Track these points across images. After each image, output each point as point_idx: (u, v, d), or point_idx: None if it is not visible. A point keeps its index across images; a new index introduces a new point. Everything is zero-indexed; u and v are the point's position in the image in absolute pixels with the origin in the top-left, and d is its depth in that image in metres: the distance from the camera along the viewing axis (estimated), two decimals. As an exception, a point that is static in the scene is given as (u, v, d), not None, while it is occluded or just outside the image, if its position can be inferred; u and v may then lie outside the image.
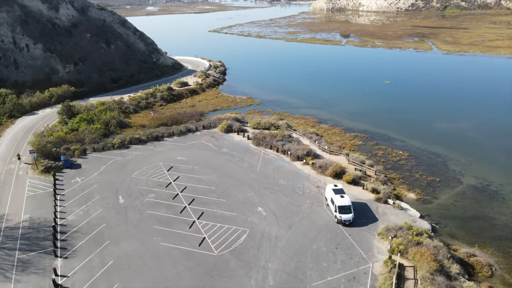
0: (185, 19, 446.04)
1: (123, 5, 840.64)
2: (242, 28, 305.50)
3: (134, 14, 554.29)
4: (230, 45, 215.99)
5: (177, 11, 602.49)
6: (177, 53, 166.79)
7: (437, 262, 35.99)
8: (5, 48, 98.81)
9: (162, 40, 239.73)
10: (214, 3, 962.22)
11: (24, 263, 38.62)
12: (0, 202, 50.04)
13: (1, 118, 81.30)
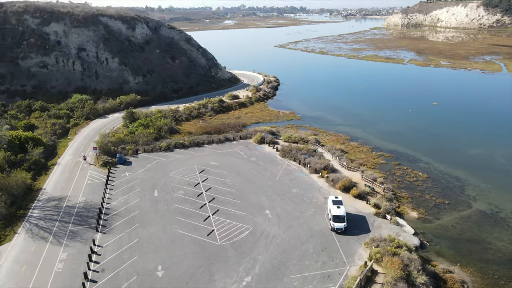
0: (256, 33, 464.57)
1: (203, 18, 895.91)
2: (308, 44, 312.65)
3: (211, 27, 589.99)
4: (290, 61, 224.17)
5: (251, 25, 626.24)
6: (237, 67, 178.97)
7: (404, 271, 39.95)
8: (90, 61, 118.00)
9: (227, 54, 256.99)
10: (288, 17, 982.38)
11: (73, 233, 49.95)
12: (66, 187, 63.16)
13: (79, 119, 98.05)
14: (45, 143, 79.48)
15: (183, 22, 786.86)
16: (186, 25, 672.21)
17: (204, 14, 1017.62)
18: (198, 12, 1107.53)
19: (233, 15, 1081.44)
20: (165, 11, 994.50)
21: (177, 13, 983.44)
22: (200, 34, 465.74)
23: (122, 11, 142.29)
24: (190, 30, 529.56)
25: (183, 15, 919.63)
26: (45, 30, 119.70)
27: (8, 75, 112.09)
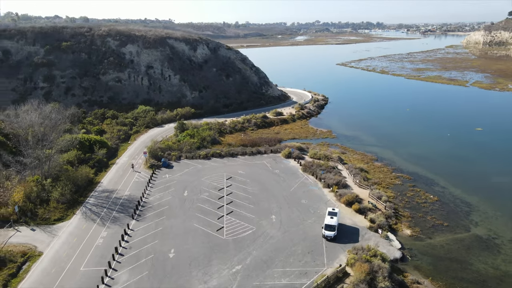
0: (323, 50, 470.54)
1: (275, 34, 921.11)
2: (371, 62, 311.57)
3: (281, 43, 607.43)
4: (346, 79, 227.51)
5: (321, 42, 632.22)
6: (292, 85, 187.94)
7: (370, 275, 45.83)
8: (155, 77, 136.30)
9: (287, 71, 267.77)
10: (362, 33, 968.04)
11: (115, 218, 62.95)
12: (118, 182, 77.46)
13: (141, 127, 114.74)
14: (109, 145, 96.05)
15: (256, 37, 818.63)
16: (257, 40, 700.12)
17: (277, 30, 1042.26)
18: (272, 27, 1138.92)
19: (306, 31, 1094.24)
20: (241, 27, 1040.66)
21: (252, 28, 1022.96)
22: (268, 50, 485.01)
23: (186, 34, 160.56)
24: (261, 46, 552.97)
25: (257, 31, 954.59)
26: (122, 51, 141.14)
27: (91, 88, 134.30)
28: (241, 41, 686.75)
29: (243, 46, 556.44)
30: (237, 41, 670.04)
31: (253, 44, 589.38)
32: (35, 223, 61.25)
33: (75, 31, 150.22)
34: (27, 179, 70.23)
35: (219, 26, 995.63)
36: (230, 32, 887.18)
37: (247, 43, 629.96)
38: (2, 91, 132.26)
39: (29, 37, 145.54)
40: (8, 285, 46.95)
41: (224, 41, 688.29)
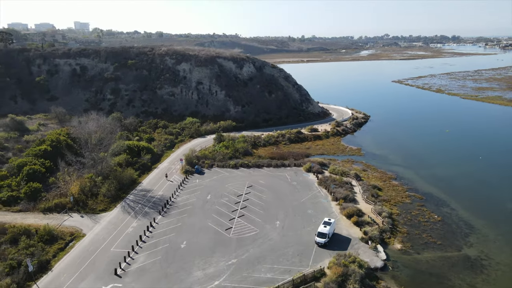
0: (383, 65, 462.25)
1: (339, 49, 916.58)
2: (430, 80, 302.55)
3: (343, 58, 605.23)
4: (396, 98, 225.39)
5: (384, 57, 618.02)
6: (338, 101, 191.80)
7: (341, 277, 52.21)
8: (204, 92, 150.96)
9: (337, 86, 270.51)
10: (433, 47, 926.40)
11: (146, 213, 75.26)
12: (155, 184, 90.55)
13: (185, 137, 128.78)
14: (155, 152, 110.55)
15: (319, 52, 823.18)
16: (319, 55, 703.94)
17: (342, 44, 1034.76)
18: (337, 42, 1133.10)
19: (373, 45, 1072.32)
20: (305, 41, 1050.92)
21: (316, 43, 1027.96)
22: (326, 65, 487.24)
23: (235, 53, 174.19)
24: (321, 61, 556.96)
25: (321, 45, 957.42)
26: (177, 68, 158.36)
27: (148, 100, 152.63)
28: (303, 55, 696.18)
29: (303, 61, 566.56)
30: (299, 55, 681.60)
31: (313, 59, 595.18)
32: (84, 211, 75.70)
33: (140, 51, 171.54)
34: (84, 176, 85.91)
35: (283, 40, 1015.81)
36: (294, 46, 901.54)
37: (309, 57, 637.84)
38: (78, 101, 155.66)
39: (102, 56, 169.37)
40: (56, 256, 60.64)
41: (286, 55, 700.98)
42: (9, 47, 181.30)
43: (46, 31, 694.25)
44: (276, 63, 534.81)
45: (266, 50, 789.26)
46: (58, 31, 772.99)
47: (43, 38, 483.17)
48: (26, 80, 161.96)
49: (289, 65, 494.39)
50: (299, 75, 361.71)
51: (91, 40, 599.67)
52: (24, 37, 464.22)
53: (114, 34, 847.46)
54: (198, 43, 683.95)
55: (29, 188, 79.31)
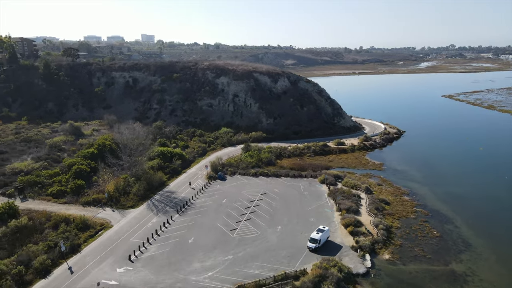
0: (439, 78, 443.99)
1: (397, 60, 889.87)
2: (484, 95, 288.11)
3: (397, 71, 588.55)
4: (439, 113, 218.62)
5: (443, 69, 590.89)
6: (374, 116, 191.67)
7: (318, 278, 57.84)
8: (239, 104, 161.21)
9: (378, 99, 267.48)
10: (503, 60, 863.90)
11: (165, 211, 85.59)
12: (180, 186, 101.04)
13: (217, 145, 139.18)
14: (187, 158, 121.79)
15: (375, 63, 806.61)
16: (373, 67, 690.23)
17: (401, 56, 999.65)
18: (396, 53, 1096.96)
19: (435, 56, 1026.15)
20: (362, 52, 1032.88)
21: (373, 54, 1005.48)
22: (377, 77, 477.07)
23: (271, 68, 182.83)
24: (374, 73, 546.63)
25: (378, 57, 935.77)
26: (216, 81, 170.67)
27: (189, 110, 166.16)
28: (357, 67, 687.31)
29: (354, 73, 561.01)
30: (353, 67, 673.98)
31: (366, 71, 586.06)
32: (116, 206, 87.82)
33: (184, 65, 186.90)
34: (120, 176, 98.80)
35: (338, 51, 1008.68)
36: (348, 58, 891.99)
37: (363, 69, 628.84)
38: (128, 110, 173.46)
39: (151, 70, 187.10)
40: (86, 241, 72.52)
41: (338, 67, 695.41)
42: (75, 61, 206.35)
43: (115, 43, 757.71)
44: (326, 75, 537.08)
45: (319, 62, 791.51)
46: (126, 43, 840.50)
47: (111, 50, 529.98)
48: (87, 90, 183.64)
49: (339, 77, 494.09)
50: (344, 88, 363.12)
51: (152, 52, 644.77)
52: (95, 49, 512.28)
53: (175, 46, 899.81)
54: (252, 55, 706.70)
55: (74, 184, 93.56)
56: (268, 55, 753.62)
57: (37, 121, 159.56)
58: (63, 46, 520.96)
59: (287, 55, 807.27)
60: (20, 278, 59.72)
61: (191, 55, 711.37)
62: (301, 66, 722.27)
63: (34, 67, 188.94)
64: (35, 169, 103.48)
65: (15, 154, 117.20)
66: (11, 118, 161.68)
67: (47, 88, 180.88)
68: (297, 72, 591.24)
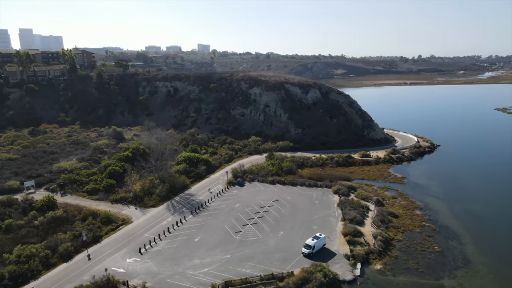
0: (500, 90, 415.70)
1: (455, 70, 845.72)
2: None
3: (453, 81, 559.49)
4: (485, 128, 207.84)
5: (507, 80, 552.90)
6: (413, 128, 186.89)
7: (301, 281, 61.54)
8: (269, 114, 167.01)
9: (420, 113, 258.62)
10: None
11: (182, 211, 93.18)
12: (200, 190, 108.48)
13: (244, 153, 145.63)
14: (212, 164, 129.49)
15: (431, 73, 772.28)
16: (429, 77, 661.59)
17: (462, 65, 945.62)
18: (458, 62, 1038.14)
19: (502, 66, 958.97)
20: (419, 61, 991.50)
21: (432, 63, 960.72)
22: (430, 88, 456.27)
23: (302, 80, 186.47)
24: (427, 84, 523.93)
25: (436, 66, 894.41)
26: (249, 92, 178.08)
27: (222, 119, 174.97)
28: (411, 77, 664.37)
29: (406, 83, 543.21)
30: (406, 77, 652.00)
31: (419, 82, 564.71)
32: (139, 205, 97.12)
33: (221, 76, 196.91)
34: (147, 178, 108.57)
35: (392, 60, 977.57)
36: (403, 68, 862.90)
37: (417, 79, 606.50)
38: (168, 117, 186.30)
39: (191, 80, 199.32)
40: (107, 233, 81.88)
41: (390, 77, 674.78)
42: (125, 71, 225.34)
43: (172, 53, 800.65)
44: (377, 85, 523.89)
45: (371, 71, 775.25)
46: (182, 52, 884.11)
47: (165, 60, 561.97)
48: (133, 98, 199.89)
49: (388, 87, 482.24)
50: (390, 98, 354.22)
51: (204, 62, 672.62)
52: (151, 59, 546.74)
53: (227, 55, 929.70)
54: (302, 64, 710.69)
55: (106, 183, 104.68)
56: (318, 65, 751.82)
57: (88, 126, 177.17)
58: (123, 56, 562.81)
59: (337, 65, 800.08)
60: (46, 261, 69.83)
61: (241, 64, 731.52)
62: (351, 75, 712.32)
63: (89, 77, 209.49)
64: (77, 168, 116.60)
65: (63, 155, 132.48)
66: (66, 123, 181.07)
67: (99, 96, 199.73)
68: (345, 82, 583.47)
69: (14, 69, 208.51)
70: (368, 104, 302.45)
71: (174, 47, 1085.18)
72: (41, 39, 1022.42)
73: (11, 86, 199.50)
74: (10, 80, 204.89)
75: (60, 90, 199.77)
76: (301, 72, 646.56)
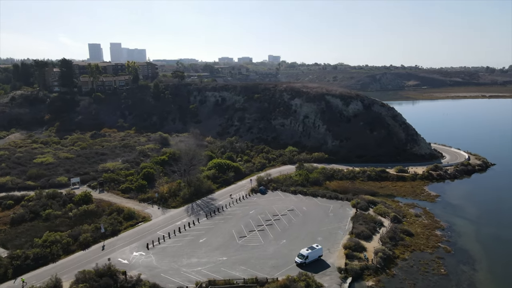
0: None
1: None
2: None
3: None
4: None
5: None
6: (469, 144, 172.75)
7: (281, 287, 62.62)
8: (308, 125, 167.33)
9: (486, 129, 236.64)
10: None
11: (198, 213, 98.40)
12: (223, 196, 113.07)
13: (277, 163, 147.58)
14: (243, 171, 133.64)
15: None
16: (510, 89, 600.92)
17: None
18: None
19: None
20: (509, 72, 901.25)
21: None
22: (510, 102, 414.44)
23: (344, 91, 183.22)
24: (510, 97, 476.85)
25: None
26: (290, 103, 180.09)
27: (263, 128, 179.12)
28: (495, 89, 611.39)
29: (484, 96, 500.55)
30: (488, 89, 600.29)
31: (501, 95, 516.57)
32: (162, 205, 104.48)
33: (265, 87, 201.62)
34: (176, 181, 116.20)
35: (475, 71, 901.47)
36: (486, 79, 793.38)
37: (499, 92, 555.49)
38: (214, 125, 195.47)
39: (237, 90, 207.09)
40: (126, 229, 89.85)
41: (468, 89, 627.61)
42: (180, 82, 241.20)
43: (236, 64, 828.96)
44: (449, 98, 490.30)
45: (448, 83, 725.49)
46: (252, 63, 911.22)
47: (230, 71, 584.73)
48: (184, 106, 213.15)
49: (463, 100, 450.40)
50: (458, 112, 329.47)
51: (269, 73, 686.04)
52: (217, 70, 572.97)
53: (295, 66, 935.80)
54: (369, 75, 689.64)
55: (139, 183, 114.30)
56: (387, 76, 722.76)
57: (141, 131, 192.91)
58: (192, 68, 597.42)
59: (409, 76, 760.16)
60: (67, 247, 79.25)
61: (307, 75, 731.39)
62: (425, 87, 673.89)
63: (147, 86, 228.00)
64: (118, 169, 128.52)
65: (112, 156, 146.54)
66: (124, 128, 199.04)
67: (155, 104, 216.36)
68: (415, 94, 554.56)
69: (86, 79, 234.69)
70: (427, 118, 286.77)
71: (245, 58, 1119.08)
72: (127, 52, 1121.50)
73: (83, 94, 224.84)
74: (82, 89, 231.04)
75: (122, 98, 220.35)
76: (368, 84, 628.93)
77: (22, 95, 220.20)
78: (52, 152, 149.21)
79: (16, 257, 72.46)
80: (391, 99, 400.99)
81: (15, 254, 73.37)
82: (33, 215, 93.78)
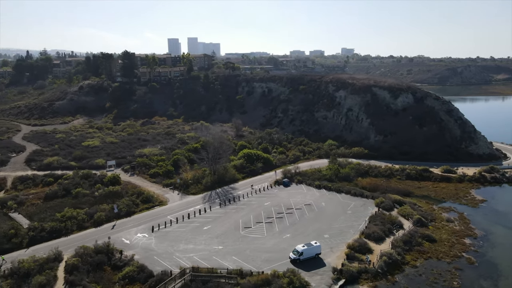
0: None
1: None
2: None
3: None
4: None
5: None
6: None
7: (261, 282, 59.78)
8: (351, 119, 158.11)
9: None
10: None
11: (213, 202, 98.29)
12: (244, 186, 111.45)
13: (312, 156, 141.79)
14: (273, 163, 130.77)
15: None
16: None
17: None
18: None
19: None
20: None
21: None
22: None
23: (394, 83, 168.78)
24: None
25: None
26: (334, 94, 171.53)
27: (306, 121, 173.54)
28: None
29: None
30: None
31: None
32: (182, 191, 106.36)
33: (311, 78, 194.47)
34: (201, 168, 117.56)
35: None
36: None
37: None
38: (258, 116, 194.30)
39: (283, 81, 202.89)
40: (141, 211, 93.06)
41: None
42: (231, 73, 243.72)
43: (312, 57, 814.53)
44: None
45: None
46: (323, 57, 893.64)
47: (295, 64, 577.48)
48: (232, 97, 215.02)
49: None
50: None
51: (335, 65, 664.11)
52: (281, 63, 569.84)
53: (367, 59, 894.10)
54: (449, 68, 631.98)
55: (166, 169, 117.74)
56: (471, 69, 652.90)
57: (189, 120, 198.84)
58: (257, 61, 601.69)
59: (499, 69, 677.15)
60: (82, 224, 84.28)
61: (379, 69, 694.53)
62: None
63: (199, 77, 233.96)
64: (154, 154, 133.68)
65: (152, 143, 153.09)
66: (173, 116, 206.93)
67: (204, 94, 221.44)
68: (502, 89, 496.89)
69: (145, 70, 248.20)
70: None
71: (317, 52, 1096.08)
72: (203, 46, 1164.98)
73: (141, 84, 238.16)
74: (141, 79, 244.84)
75: (175, 88, 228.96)
76: (446, 77, 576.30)
77: (89, 84, 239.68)
78: (101, 137, 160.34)
79: (33, 229, 78.82)
80: (472, 94, 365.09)
81: (33, 226, 79.83)
82: (65, 192, 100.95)
